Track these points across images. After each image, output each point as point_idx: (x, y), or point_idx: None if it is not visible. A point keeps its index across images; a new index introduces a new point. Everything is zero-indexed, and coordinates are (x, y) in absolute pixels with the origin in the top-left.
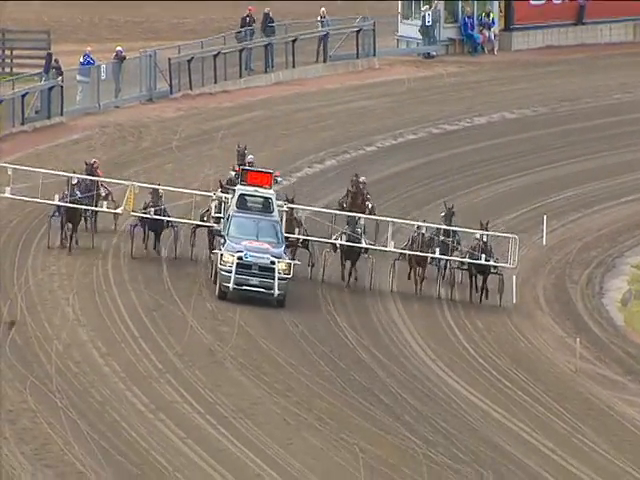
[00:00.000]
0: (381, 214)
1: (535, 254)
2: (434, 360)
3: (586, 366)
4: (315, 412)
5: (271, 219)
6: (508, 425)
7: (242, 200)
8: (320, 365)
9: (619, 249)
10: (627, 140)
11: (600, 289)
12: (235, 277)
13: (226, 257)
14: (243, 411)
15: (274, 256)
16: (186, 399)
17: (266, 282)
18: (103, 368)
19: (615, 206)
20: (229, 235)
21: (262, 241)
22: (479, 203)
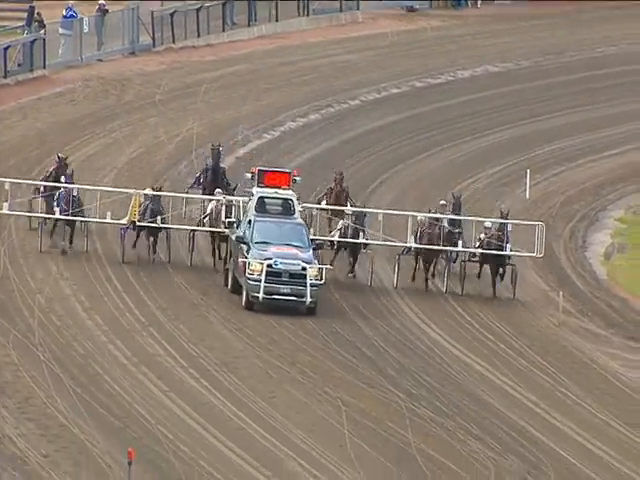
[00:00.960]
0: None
1: (518, 208)
2: (417, 314)
3: (569, 320)
4: (298, 365)
5: (295, 222)
6: (491, 378)
7: (261, 203)
8: (303, 318)
9: (602, 203)
10: (610, 94)
11: (583, 243)
12: (265, 286)
13: (254, 265)
14: (226, 364)
15: (304, 261)
16: (169, 352)
17: (298, 290)
18: (86, 322)
19: (598, 160)
20: (253, 241)
21: (289, 246)
22: (462, 157)
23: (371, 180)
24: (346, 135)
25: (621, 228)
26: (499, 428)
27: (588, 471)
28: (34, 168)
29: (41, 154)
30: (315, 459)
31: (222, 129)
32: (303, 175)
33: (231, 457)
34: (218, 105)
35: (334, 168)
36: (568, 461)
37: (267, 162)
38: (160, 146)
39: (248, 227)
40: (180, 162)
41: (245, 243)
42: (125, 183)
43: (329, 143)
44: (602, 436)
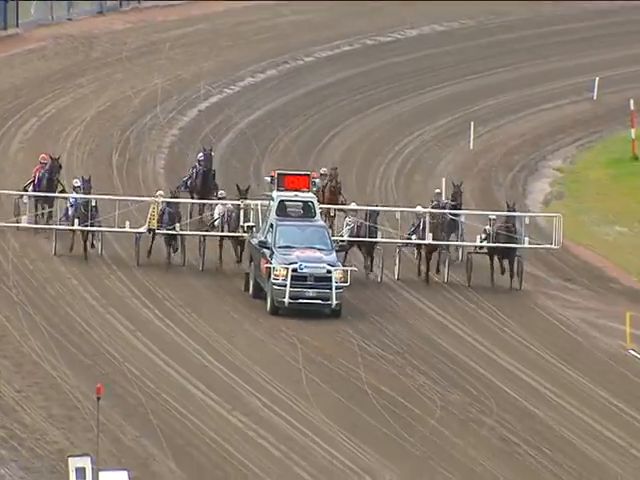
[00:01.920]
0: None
1: (463, 158)
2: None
3: None
4: (257, 308)
5: (318, 224)
6: (439, 319)
7: (282, 206)
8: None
9: (541, 153)
10: (550, 51)
11: (523, 191)
12: (290, 290)
13: (279, 270)
14: (190, 306)
15: (329, 264)
16: (135, 294)
17: (323, 293)
18: (57, 266)
19: (537, 112)
20: (276, 246)
21: (313, 249)
22: (410, 111)
23: (324, 133)
24: (301, 90)
25: (559, 177)
26: (445, 365)
27: (527, 404)
28: (9, 120)
29: (16, 107)
30: (273, 394)
31: (185, 84)
32: (262, 127)
33: (194, 392)
34: (181, 62)
35: (331, 166)
36: (509, 395)
37: (227, 116)
38: (126, 100)
39: (270, 231)
40: (145, 115)
41: (268, 248)
42: (93, 134)
43: (285, 98)
44: (541, 371)
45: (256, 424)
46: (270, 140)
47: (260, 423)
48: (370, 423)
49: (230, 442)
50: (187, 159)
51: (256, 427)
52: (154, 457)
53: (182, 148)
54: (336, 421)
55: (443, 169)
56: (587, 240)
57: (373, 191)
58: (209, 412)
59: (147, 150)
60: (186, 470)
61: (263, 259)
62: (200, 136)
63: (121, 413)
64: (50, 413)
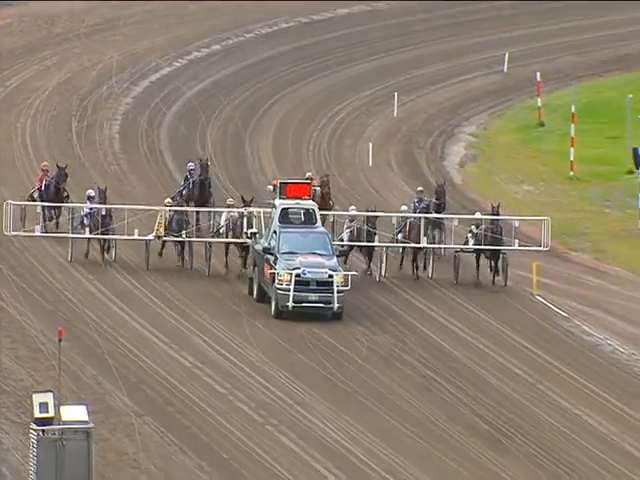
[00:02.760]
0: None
1: (387, 125)
2: None
3: None
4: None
5: (319, 231)
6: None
7: (285, 214)
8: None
9: (457, 120)
10: (465, 28)
11: (442, 154)
12: (294, 295)
13: (282, 275)
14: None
15: (331, 269)
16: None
17: (325, 297)
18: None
19: (454, 84)
20: (280, 252)
21: (315, 254)
22: (340, 82)
23: (263, 102)
24: (242, 63)
25: (473, 141)
26: (372, 310)
27: (445, 344)
28: None
29: None
30: (218, 336)
31: (138, 58)
32: (207, 97)
33: (146, 335)
34: (134, 38)
35: (328, 173)
36: (429, 336)
37: (175, 86)
38: (85, 72)
39: (273, 238)
40: (102, 86)
41: (272, 254)
42: (55, 103)
43: (228, 70)
44: (460, 317)
45: (202, 363)
46: (214, 108)
47: (206, 362)
48: (305, 362)
49: (178, 380)
50: (139, 125)
51: (202, 366)
52: (110, 393)
53: (135, 115)
54: (275, 361)
55: (370, 134)
56: (498, 198)
57: (308, 155)
58: (159, 353)
59: (103, 117)
60: (138, 404)
61: (267, 265)
62: (151, 105)
63: (80, 354)
64: (17, 354)
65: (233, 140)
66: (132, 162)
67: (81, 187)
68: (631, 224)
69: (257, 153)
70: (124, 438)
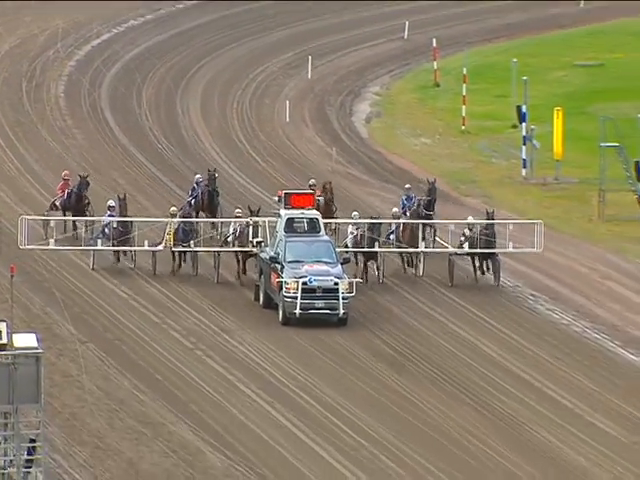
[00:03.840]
0: None
1: (302, 85)
2: (226, 162)
3: (340, 167)
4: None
5: (323, 239)
6: None
7: (290, 224)
8: None
9: (363, 81)
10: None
11: (350, 111)
12: (301, 302)
13: (290, 283)
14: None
15: (336, 277)
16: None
17: (331, 303)
18: None
19: (361, 49)
20: (286, 260)
21: (320, 262)
22: (260, 48)
23: (193, 65)
24: (174, 31)
25: (377, 100)
26: None
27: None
28: None
29: None
30: (155, 274)
31: (81, 25)
32: (142, 60)
33: (89, 271)
34: (79, 6)
35: (325, 180)
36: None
37: (114, 50)
38: (34, 38)
39: (279, 247)
40: (49, 50)
41: (278, 262)
42: (6, 66)
43: (161, 37)
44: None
45: (138, 296)
46: (149, 70)
47: (142, 295)
48: (233, 297)
49: (118, 310)
50: (82, 85)
51: (139, 298)
52: (57, 322)
53: (78, 76)
54: (205, 295)
55: (287, 94)
56: (399, 149)
57: (232, 112)
58: (101, 287)
59: (50, 78)
60: (82, 332)
61: (274, 273)
62: (93, 67)
63: (30, 288)
64: None
65: (166, 99)
66: (76, 118)
67: (32, 145)
68: (515, 172)
69: (187, 110)
70: (69, 362)
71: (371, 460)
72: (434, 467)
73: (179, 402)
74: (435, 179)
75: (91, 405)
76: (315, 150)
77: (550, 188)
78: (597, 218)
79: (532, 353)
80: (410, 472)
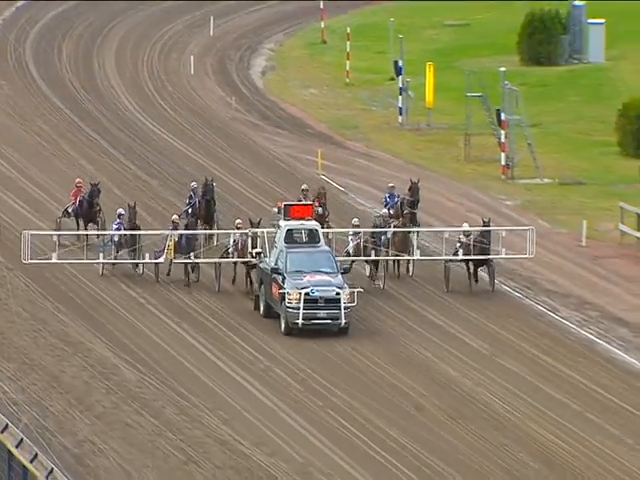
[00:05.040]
0: None
1: (205, 41)
2: (138, 111)
3: (239, 115)
4: None
5: (323, 249)
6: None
7: (290, 234)
8: None
9: (260, 38)
10: None
11: (248, 65)
12: (303, 312)
13: (292, 294)
14: None
15: (337, 287)
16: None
17: (333, 313)
18: None
19: (258, 10)
20: (287, 271)
21: (321, 273)
22: (167, 9)
23: (107, 23)
24: None
25: (272, 55)
26: None
27: None
28: None
29: None
30: None
31: None
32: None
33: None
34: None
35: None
36: None
37: (36, 11)
38: None
39: (280, 258)
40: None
41: (280, 273)
42: None
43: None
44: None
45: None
46: (68, 28)
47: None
48: None
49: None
50: (8, 41)
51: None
52: None
53: (4, 33)
54: None
55: (191, 49)
56: (291, 99)
57: (143, 65)
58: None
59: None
60: (9, 261)
61: (275, 284)
62: (18, 25)
63: None
64: None
65: (83, 53)
66: (2, 71)
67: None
68: (392, 119)
69: (102, 64)
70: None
71: (265, 371)
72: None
73: (97, 323)
74: (418, 179)
75: (18, 326)
76: (217, 99)
77: (423, 133)
78: (463, 159)
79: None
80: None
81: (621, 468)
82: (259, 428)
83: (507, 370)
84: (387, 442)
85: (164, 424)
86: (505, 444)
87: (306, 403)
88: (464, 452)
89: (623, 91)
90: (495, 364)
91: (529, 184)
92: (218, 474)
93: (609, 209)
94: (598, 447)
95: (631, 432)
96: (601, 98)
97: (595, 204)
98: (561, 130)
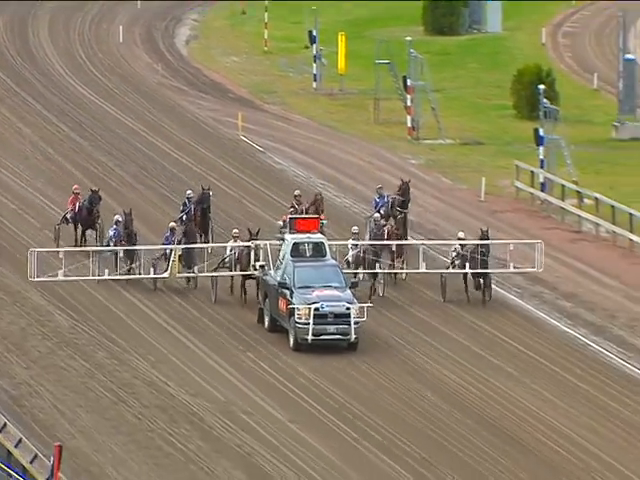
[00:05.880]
0: None
1: (133, 12)
2: (70, 76)
3: (165, 81)
4: None
5: (331, 264)
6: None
7: (296, 248)
8: None
9: (184, 9)
10: None
11: (173, 34)
12: (313, 328)
13: (301, 310)
14: None
15: (347, 302)
16: None
17: (343, 329)
18: None
19: None
20: (295, 286)
21: (330, 287)
22: None
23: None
24: None
25: (195, 25)
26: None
27: None
28: None
29: None
30: (12, 169)
31: None
32: None
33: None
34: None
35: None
36: None
37: None
38: None
39: (286, 272)
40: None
41: (287, 288)
42: None
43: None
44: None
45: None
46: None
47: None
48: None
49: None
50: None
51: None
52: None
53: None
54: None
55: (120, 20)
56: (214, 66)
57: (74, 35)
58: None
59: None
60: None
61: (282, 298)
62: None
63: None
64: None
65: (19, 23)
66: None
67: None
68: (307, 85)
69: (37, 33)
70: None
71: (193, 321)
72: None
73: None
74: (409, 179)
75: None
76: (144, 66)
77: (335, 97)
78: (373, 122)
79: None
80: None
81: (519, 406)
82: (184, 371)
83: (415, 316)
84: (299, 380)
85: (95, 367)
86: (418, 388)
87: (228, 348)
88: (382, 396)
89: (518, 59)
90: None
91: (433, 144)
92: (145, 412)
93: (505, 167)
94: (498, 387)
95: (527, 373)
96: (498, 65)
97: (493, 162)
98: (462, 95)
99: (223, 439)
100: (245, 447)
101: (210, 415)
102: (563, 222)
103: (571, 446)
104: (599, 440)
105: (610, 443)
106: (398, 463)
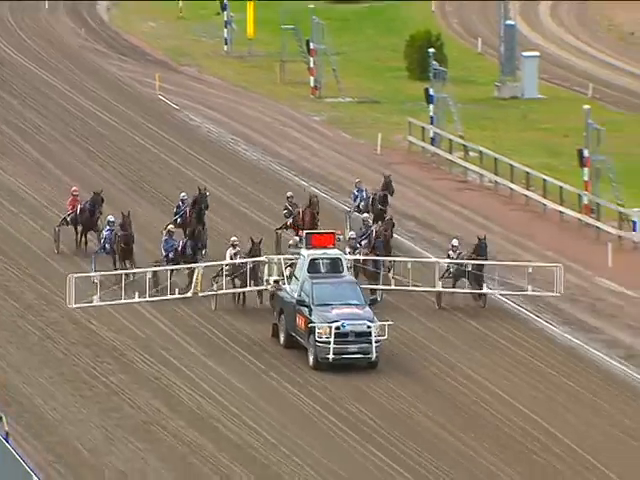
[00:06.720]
0: None
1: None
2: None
3: (88, 44)
4: None
5: (349, 280)
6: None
7: (313, 264)
8: None
9: None
10: None
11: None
12: (334, 347)
13: (322, 328)
14: None
15: (368, 320)
16: None
17: (364, 348)
18: None
19: None
20: (314, 304)
21: (349, 305)
22: None
23: None
24: None
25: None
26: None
27: None
28: None
29: None
30: None
31: None
32: None
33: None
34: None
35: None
36: None
37: None
38: None
39: (304, 289)
40: None
41: (306, 305)
42: None
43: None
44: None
45: None
46: None
47: None
48: None
49: None
50: None
51: None
52: None
53: None
54: None
55: None
56: (133, 31)
57: (4, 2)
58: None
59: None
60: None
61: (300, 315)
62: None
63: None
64: None
65: None
66: None
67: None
68: (219, 48)
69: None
70: None
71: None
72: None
73: None
74: (390, 174)
75: None
76: (69, 31)
77: (245, 60)
78: (279, 82)
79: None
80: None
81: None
82: (108, 311)
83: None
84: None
85: (25, 307)
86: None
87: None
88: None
89: (410, 25)
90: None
91: (333, 102)
92: (71, 348)
93: (399, 123)
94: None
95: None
96: (392, 31)
97: (388, 119)
98: (360, 57)
99: (142, 372)
100: (163, 379)
101: (131, 350)
102: (451, 173)
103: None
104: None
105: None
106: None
